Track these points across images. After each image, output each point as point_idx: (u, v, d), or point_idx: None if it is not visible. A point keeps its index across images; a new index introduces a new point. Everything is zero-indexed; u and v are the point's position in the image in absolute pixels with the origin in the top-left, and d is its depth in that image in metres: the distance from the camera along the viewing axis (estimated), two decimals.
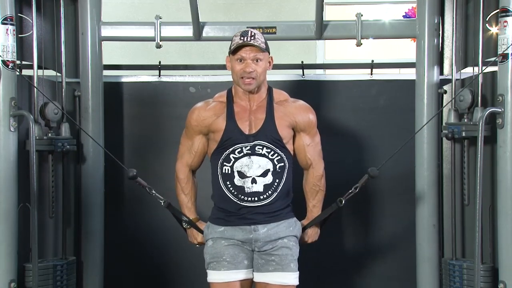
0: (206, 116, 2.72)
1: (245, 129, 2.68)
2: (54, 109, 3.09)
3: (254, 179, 2.65)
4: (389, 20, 3.42)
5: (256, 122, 2.68)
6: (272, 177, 2.67)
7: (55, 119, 3.12)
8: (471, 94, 3.05)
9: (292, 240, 2.72)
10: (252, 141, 2.66)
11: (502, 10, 2.73)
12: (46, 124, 3.10)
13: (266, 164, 2.66)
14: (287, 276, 2.68)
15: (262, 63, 2.65)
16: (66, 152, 3.18)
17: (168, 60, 3.87)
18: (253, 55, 2.63)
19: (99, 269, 3.39)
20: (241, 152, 2.67)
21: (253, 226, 2.67)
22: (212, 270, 2.69)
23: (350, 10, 5.87)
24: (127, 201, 3.57)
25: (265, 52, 2.66)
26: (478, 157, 2.64)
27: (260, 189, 2.65)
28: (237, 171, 2.66)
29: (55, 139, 3.09)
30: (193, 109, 2.78)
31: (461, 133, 3.06)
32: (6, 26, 2.72)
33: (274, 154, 2.68)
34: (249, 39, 2.62)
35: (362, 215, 3.55)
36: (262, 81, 2.68)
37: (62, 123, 3.18)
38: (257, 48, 2.63)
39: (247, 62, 2.63)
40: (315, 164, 2.80)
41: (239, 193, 2.66)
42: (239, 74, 2.63)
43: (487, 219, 2.96)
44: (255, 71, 2.63)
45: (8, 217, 2.76)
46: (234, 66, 2.65)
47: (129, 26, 3.51)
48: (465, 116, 3.10)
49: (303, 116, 2.74)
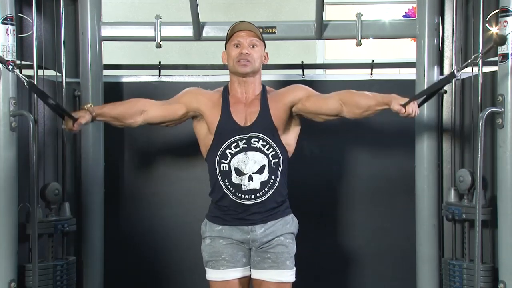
0: (202, 96, 2.78)
1: (241, 121, 2.71)
2: (55, 190, 3.08)
3: (250, 176, 2.68)
4: (389, 20, 3.42)
5: (251, 114, 2.72)
6: (268, 173, 2.69)
7: (56, 200, 3.11)
8: (471, 175, 3.04)
9: (288, 237, 2.76)
10: (247, 133, 2.69)
11: (502, 10, 2.73)
12: (46, 205, 3.08)
13: (261, 160, 2.68)
14: (282, 273, 2.71)
15: (258, 49, 2.71)
16: (66, 233, 3.16)
17: (168, 60, 3.87)
18: (249, 40, 2.69)
19: (99, 269, 3.39)
20: (237, 147, 2.68)
21: (250, 227, 2.71)
22: (211, 268, 2.73)
23: (350, 10, 5.87)
24: (127, 201, 3.57)
25: (261, 41, 2.72)
26: (478, 157, 2.64)
27: (257, 186, 2.68)
28: (234, 168, 2.68)
29: (55, 221, 3.07)
30: (195, 87, 2.86)
31: (461, 215, 3.06)
32: (6, 26, 2.72)
33: (270, 148, 2.70)
34: (245, 25, 2.69)
35: (362, 214, 3.55)
36: (257, 68, 2.73)
37: (63, 203, 3.17)
38: (253, 33, 2.69)
39: (244, 45, 2.68)
40: (340, 96, 2.77)
41: (236, 191, 2.69)
42: (236, 57, 2.68)
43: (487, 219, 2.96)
44: (251, 55, 2.67)
45: (8, 217, 2.75)
46: (231, 52, 2.70)
47: (129, 26, 3.51)
48: (465, 197, 3.10)
49: (293, 91, 2.80)
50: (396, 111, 2.67)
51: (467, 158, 3.20)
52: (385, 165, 3.53)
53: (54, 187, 3.09)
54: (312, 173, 3.50)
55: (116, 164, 3.55)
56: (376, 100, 2.74)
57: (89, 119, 2.74)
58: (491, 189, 3.01)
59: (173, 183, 3.56)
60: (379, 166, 3.52)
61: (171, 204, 3.56)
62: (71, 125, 2.70)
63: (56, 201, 3.12)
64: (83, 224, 3.35)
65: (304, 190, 3.39)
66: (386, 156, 3.53)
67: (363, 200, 3.54)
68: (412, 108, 2.67)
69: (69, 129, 2.72)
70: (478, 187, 2.71)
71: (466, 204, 3.08)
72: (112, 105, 2.86)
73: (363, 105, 2.75)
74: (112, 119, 2.82)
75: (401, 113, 2.66)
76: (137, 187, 3.57)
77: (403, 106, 2.65)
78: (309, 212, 3.33)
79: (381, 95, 2.76)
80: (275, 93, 2.80)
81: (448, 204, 3.15)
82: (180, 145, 3.47)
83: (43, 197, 3.07)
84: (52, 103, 2.70)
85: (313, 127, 2.93)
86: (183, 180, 3.54)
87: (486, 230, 2.96)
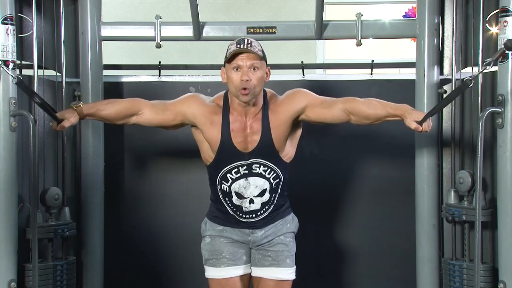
0: (200, 111, 2.66)
1: (241, 147, 2.63)
2: (55, 195, 3.08)
3: (252, 199, 2.67)
4: (389, 20, 3.41)
5: (252, 141, 2.63)
6: (269, 194, 2.68)
7: (56, 205, 3.10)
8: (471, 177, 3.05)
9: (289, 236, 2.77)
10: (248, 159, 2.64)
11: (502, 10, 2.73)
12: (46, 210, 3.08)
13: (263, 184, 2.67)
14: (282, 271, 2.72)
15: (259, 72, 2.57)
16: (66, 238, 3.15)
17: (168, 60, 3.87)
18: (250, 63, 2.55)
19: (99, 269, 3.39)
20: (238, 173, 2.65)
21: (251, 230, 2.73)
22: (212, 266, 2.73)
23: (350, 10, 5.87)
24: (127, 201, 3.57)
25: (262, 60, 2.58)
26: (478, 156, 2.64)
27: (258, 207, 2.69)
28: (235, 191, 2.67)
29: (55, 226, 3.07)
30: (195, 95, 2.74)
31: (461, 217, 3.06)
32: (6, 26, 2.71)
33: (271, 172, 2.66)
34: (245, 46, 2.54)
35: (362, 214, 3.55)
36: (258, 92, 2.60)
37: (63, 207, 3.17)
38: (254, 55, 2.55)
39: (244, 70, 2.54)
40: (345, 107, 2.67)
41: (237, 210, 2.70)
42: (237, 84, 2.54)
43: (487, 220, 2.96)
44: (252, 81, 2.54)
45: (8, 217, 2.75)
46: (231, 76, 2.56)
47: (129, 26, 3.50)
48: (465, 199, 3.10)
49: (295, 102, 2.68)
50: (413, 129, 2.60)
51: (467, 160, 3.20)
52: (385, 165, 3.53)
53: (54, 192, 3.09)
54: (312, 173, 3.50)
55: (116, 164, 3.54)
56: (387, 112, 2.66)
57: (75, 121, 2.72)
58: (491, 190, 3.02)
59: (173, 183, 3.56)
60: (379, 166, 3.52)
61: (171, 204, 3.56)
62: (55, 125, 2.70)
63: (56, 206, 3.12)
64: (83, 225, 3.35)
65: (304, 190, 3.39)
66: (386, 156, 3.53)
67: (363, 200, 3.54)
68: (428, 124, 2.62)
69: (54, 129, 2.73)
70: (478, 188, 2.70)
71: (466, 205, 3.08)
72: (104, 105, 2.79)
73: (372, 116, 2.68)
74: (103, 120, 2.81)
75: (417, 130, 2.61)
76: (137, 187, 3.57)
77: (419, 123, 2.59)
78: (309, 212, 3.33)
79: (391, 105, 2.68)
80: (276, 105, 2.68)
81: (448, 206, 3.15)
82: (180, 145, 3.46)
83: (43, 202, 3.07)
84: (39, 102, 2.67)
85: (313, 127, 2.92)
86: (183, 180, 3.54)
87: (486, 231, 2.96)
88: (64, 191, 3.20)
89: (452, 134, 3.26)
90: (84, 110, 2.73)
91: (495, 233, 2.88)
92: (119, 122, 2.78)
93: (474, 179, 3.03)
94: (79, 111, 2.71)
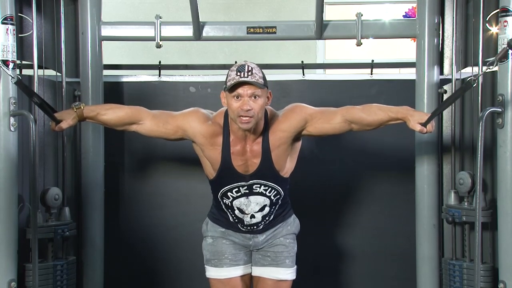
0: (200, 130, 2.63)
1: (242, 170, 2.63)
2: (55, 195, 3.08)
3: (253, 215, 2.69)
4: (389, 20, 3.41)
5: (253, 164, 2.62)
6: (269, 208, 2.70)
7: (56, 205, 3.10)
8: (471, 178, 3.05)
9: (289, 237, 2.79)
10: (249, 180, 2.64)
11: (502, 10, 2.73)
12: (46, 210, 3.09)
13: (263, 201, 2.69)
14: (281, 271, 2.74)
15: (261, 100, 2.51)
16: (66, 238, 3.15)
17: (168, 60, 3.87)
18: (251, 92, 2.49)
19: (99, 269, 3.39)
20: (239, 192, 2.66)
21: (252, 235, 2.76)
22: (214, 267, 2.76)
23: (350, 10, 5.88)
24: (127, 201, 3.57)
25: (263, 88, 2.52)
26: (478, 156, 2.64)
27: (259, 220, 2.71)
28: (237, 207, 2.69)
29: (55, 226, 3.07)
30: (197, 112, 2.68)
31: (462, 218, 3.06)
32: (6, 26, 2.71)
33: (272, 190, 2.67)
34: (246, 75, 2.47)
35: (362, 215, 3.55)
36: (260, 118, 2.56)
37: (63, 207, 3.17)
38: (255, 86, 2.49)
39: (245, 99, 2.49)
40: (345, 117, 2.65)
41: (239, 222, 2.73)
42: (237, 112, 2.50)
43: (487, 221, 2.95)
44: (253, 110, 2.49)
45: (8, 217, 2.75)
46: (231, 104, 2.51)
47: (129, 26, 3.50)
48: (465, 200, 3.11)
49: (294, 120, 2.64)
50: (418, 131, 2.60)
51: (467, 161, 3.20)
52: (385, 165, 3.53)
53: (54, 192, 3.09)
54: (312, 173, 3.50)
55: (116, 165, 3.54)
56: (388, 116, 2.65)
57: (73, 123, 2.72)
58: (491, 191, 3.01)
59: (172, 183, 3.56)
60: (380, 166, 3.52)
61: (171, 204, 3.56)
62: (53, 126, 2.70)
63: (56, 206, 3.12)
64: (83, 225, 3.35)
65: (304, 190, 3.38)
66: (386, 156, 3.53)
67: (363, 200, 3.54)
68: (432, 124, 2.62)
69: (52, 130, 2.73)
70: (478, 189, 2.70)
71: (466, 206, 3.08)
72: (105, 109, 2.76)
73: (373, 123, 2.67)
74: (103, 124, 2.81)
75: (422, 132, 2.61)
76: (137, 187, 3.57)
77: (423, 125, 2.59)
78: (309, 212, 3.33)
79: (392, 109, 2.67)
80: (276, 125, 2.63)
81: (448, 207, 3.15)
82: (180, 145, 3.44)
83: (43, 202, 3.07)
84: (38, 102, 2.68)
85: None
86: (183, 181, 3.54)
87: (486, 232, 2.96)
88: (64, 191, 3.20)
89: (452, 135, 3.26)
90: (85, 113, 2.72)
91: (495, 234, 2.87)
92: (118, 128, 2.77)
93: (474, 180, 3.03)
94: (79, 113, 2.71)
